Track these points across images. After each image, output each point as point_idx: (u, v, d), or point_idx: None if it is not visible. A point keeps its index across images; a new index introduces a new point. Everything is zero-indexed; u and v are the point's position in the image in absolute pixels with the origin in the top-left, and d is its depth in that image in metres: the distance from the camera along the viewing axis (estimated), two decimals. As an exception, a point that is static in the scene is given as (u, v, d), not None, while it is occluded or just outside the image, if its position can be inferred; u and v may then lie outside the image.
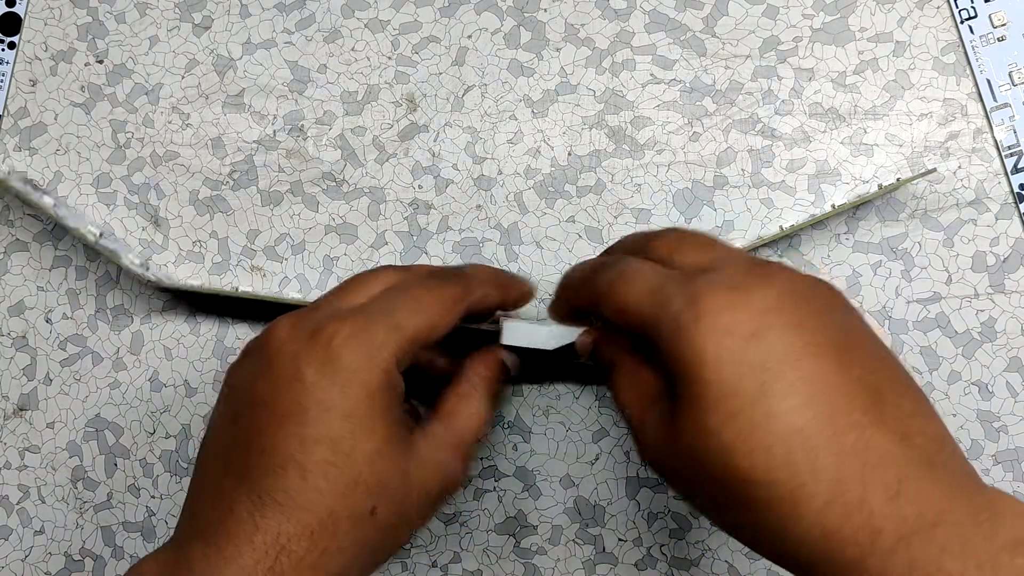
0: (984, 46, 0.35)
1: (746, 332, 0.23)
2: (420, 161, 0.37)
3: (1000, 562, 0.20)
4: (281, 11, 0.38)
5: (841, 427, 0.22)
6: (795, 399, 0.22)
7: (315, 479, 0.25)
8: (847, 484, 0.22)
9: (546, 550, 0.35)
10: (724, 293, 0.23)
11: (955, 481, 0.22)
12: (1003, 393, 0.34)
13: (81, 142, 0.38)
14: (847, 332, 0.24)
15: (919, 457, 0.22)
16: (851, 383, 0.23)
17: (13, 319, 0.37)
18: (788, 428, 0.22)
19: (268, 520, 0.25)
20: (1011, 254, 0.35)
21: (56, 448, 0.36)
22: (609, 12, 0.37)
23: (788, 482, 0.22)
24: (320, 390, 0.25)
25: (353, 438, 0.26)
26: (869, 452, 0.22)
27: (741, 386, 0.23)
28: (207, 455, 0.28)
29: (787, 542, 0.23)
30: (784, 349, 0.23)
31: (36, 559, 0.36)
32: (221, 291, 0.35)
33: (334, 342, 0.26)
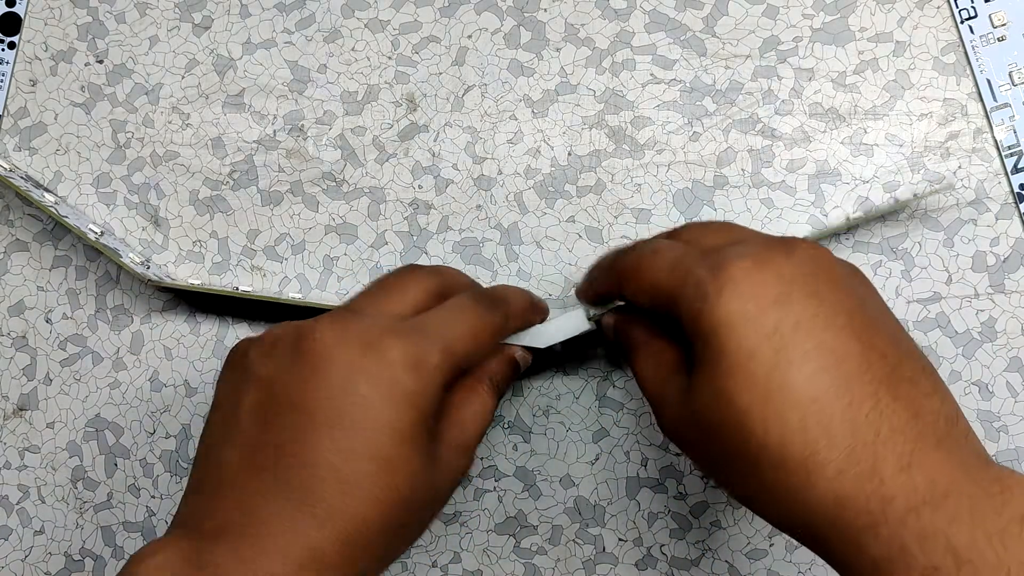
0: (984, 46, 0.35)
1: (767, 299, 0.23)
2: (420, 161, 0.37)
3: (1009, 533, 0.20)
4: (281, 11, 0.38)
5: (856, 397, 0.22)
6: (811, 367, 0.22)
7: (354, 489, 0.25)
8: (860, 453, 0.22)
9: (546, 550, 0.35)
10: (747, 262, 0.24)
11: (966, 458, 0.22)
12: (1003, 393, 0.34)
13: (81, 142, 0.38)
14: (867, 307, 0.24)
15: (931, 433, 0.22)
16: (868, 354, 0.23)
17: (13, 319, 0.37)
18: (804, 396, 0.22)
19: (303, 528, 0.24)
20: (1011, 254, 0.35)
21: (56, 448, 0.36)
22: (609, 12, 0.37)
23: (802, 449, 0.22)
24: (373, 405, 0.25)
25: (400, 458, 0.25)
26: (882, 423, 0.22)
27: (759, 352, 0.23)
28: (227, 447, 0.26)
29: (799, 510, 0.23)
30: (804, 317, 0.23)
31: (36, 559, 0.36)
32: (221, 291, 0.35)
33: (390, 357, 0.25)
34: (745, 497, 0.25)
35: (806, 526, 0.23)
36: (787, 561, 0.34)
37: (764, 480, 0.23)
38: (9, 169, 0.36)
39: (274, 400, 0.26)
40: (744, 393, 0.23)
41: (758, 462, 0.23)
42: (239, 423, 0.26)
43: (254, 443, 0.26)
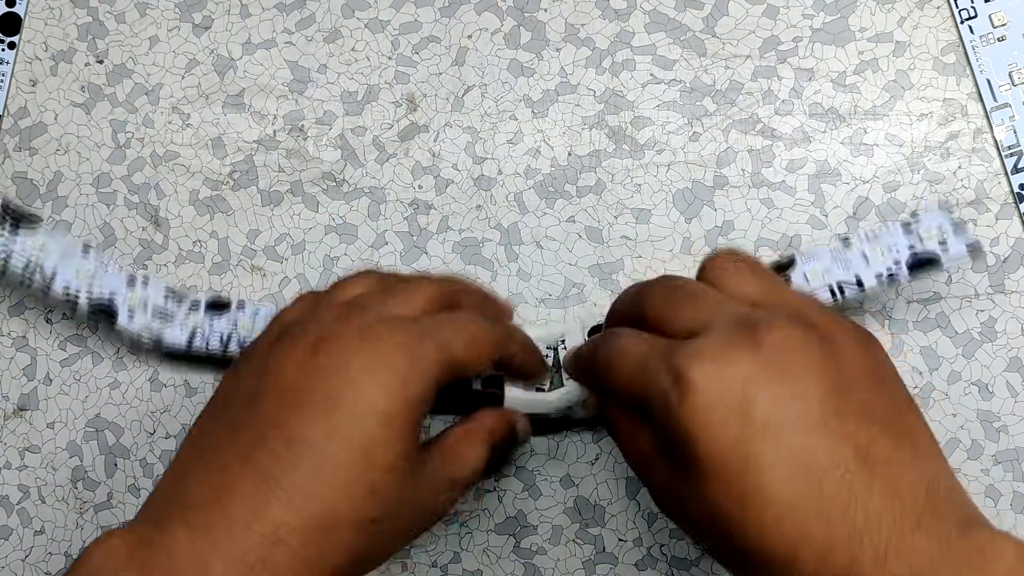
0: (984, 46, 0.35)
1: (729, 408, 0.23)
2: (420, 161, 0.37)
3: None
4: (281, 11, 0.38)
5: (829, 494, 0.22)
6: (783, 471, 0.22)
7: (332, 475, 0.24)
8: (836, 550, 0.22)
9: (546, 550, 0.35)
10: (705, 366, 0.23)
11: (945, 533, 0.22)
12: (1003, 393, 0.34)
13: (81, 142, 0.38)
14: (836, 393, 0.23)
15: (910, 511, 0.22)
16: (839, 448, 0.23)
17: (13, 319, 0.37)
18: (777, 500, 0.22)
19: (271, 508, 0.24)
20: (1011, 254, 0.35)
21: (56, 448, 0.36)
22: (609, 12, 0.37)
23: (783, 550, 0.22)
24: (363, 388, 0.25)
25: (383, 445, 0.25)
26: (857, 514, 0.22)
27: (729, 460, 0.23)
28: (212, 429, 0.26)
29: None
30: (771, 419, 0.23)
31: (36, 559, 0.36)
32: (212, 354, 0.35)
33: (386, 344, 0.25)
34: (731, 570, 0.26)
35: None
36: (787, 561, 0.34)
37: (745, 568, 0.24)
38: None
39: (269, 384, 0.26)
40: (721, 499, 0.23)
41: (745, 557, 0.23)
42: (229, 406, 0.26)
43: (239, 422, 0.25)
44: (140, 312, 0.35)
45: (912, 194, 0.35)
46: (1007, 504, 0.34)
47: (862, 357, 0.25)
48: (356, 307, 0.27)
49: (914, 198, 0.35)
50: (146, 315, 0.35)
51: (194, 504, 0.24)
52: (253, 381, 0.26)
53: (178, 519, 0.24)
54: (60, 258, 0.34)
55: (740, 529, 0.23)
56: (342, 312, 0.27)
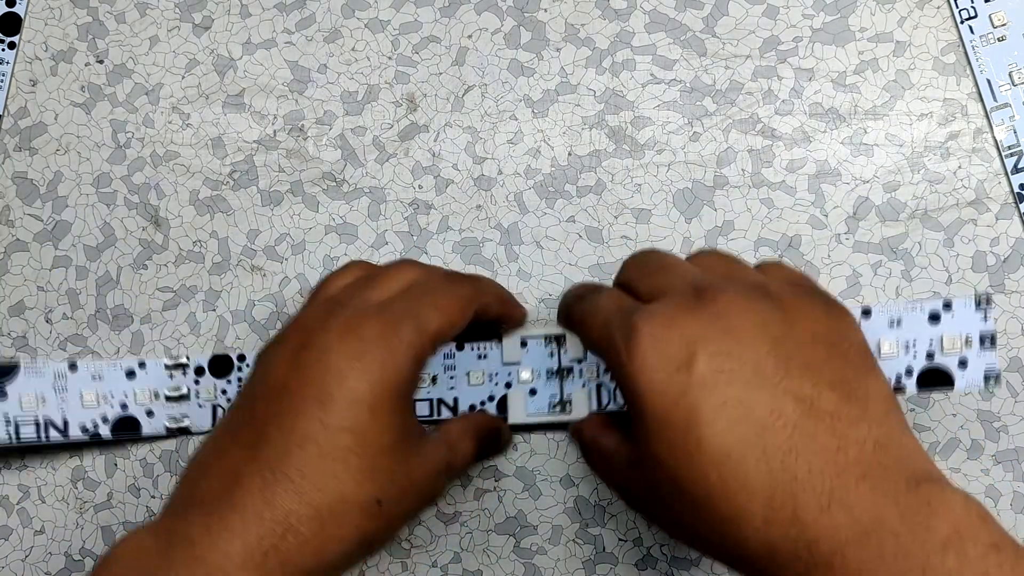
0: (984, 46, 0.35)
1: (673, 364, 0.24)
2: (420, 161, 0.37)
3: (932, 566, 0.21)
4: (281, 11, 0.38)
5: (770, 445, 0.23)
6: (721, 424, 0.23)
7: (333, 463, 0.26)
8: (779, 501, 0.22)
9: (546, 550, 0.35)
10: (655, 327, 0.24)
11: (892, 486, 0.22)
12: (1003, 393, 0.34)
13: (81, 142, 0.38)
14: (780, 349, 0.24)
15: (853, 466, 0.22)
16: (780, 400, 0.23)
17: (13, 319, 0.37)
18: (718, 454, 0.23)
19: (279, 498, 0.25)
20: (1011, 254, 0.35)
21: (56, 448, 0.36)
22: (609, 12, 0.37)
23: (727, 505, 0.23)
24: (349, 381, 0.26)
25: (377, 430, 0.26)
26: (799, 466, 0.22)
27: (673, 417, 0.23)
28: (217, 433, 0.28)
29: (745, 559, 0.23)
30: (710, 376, 0.23)
31: (36, 559, 0.36)
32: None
33: (363, 336, 0.27)
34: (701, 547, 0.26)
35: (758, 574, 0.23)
36: (787, 561, 0.34)
37: (707, 534, 0.24)
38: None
39: (263, 386, 0.27)
40: (668, 457, 0.24)
41: (697, 522, 0.24)
42: (233, 412, 0.28)
43: (242, 423, 0.27)
44: (155, 405, 0.35)
45: (912, 194, 0.35)
46: (1007, 504, 0.34)
47: (819, 323, 0.25)
48: (336, 304, 0.28)
49: (914, 198, 0.35)
50: (162, 406, 0.35)
51: (208, 498, 0.26)
52: (249, 386, 0.28)
53: (196, 512, 0.25)
54: (56, 394, 0.35)
55: (689, 487, 0.23)
56: (324, 311, 0.28)
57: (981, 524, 0.21)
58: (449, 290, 0.30)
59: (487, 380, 0.33)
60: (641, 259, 0.29)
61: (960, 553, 0.21)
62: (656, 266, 0.28)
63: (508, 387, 0.33)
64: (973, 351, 0.31)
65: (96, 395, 0.35)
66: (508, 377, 0.33)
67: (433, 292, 0.29)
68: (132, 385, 0.35)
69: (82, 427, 0.35)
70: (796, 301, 0.25)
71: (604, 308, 0.27)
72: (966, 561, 0.21)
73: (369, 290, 0.29)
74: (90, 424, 0.35)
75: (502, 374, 0.33)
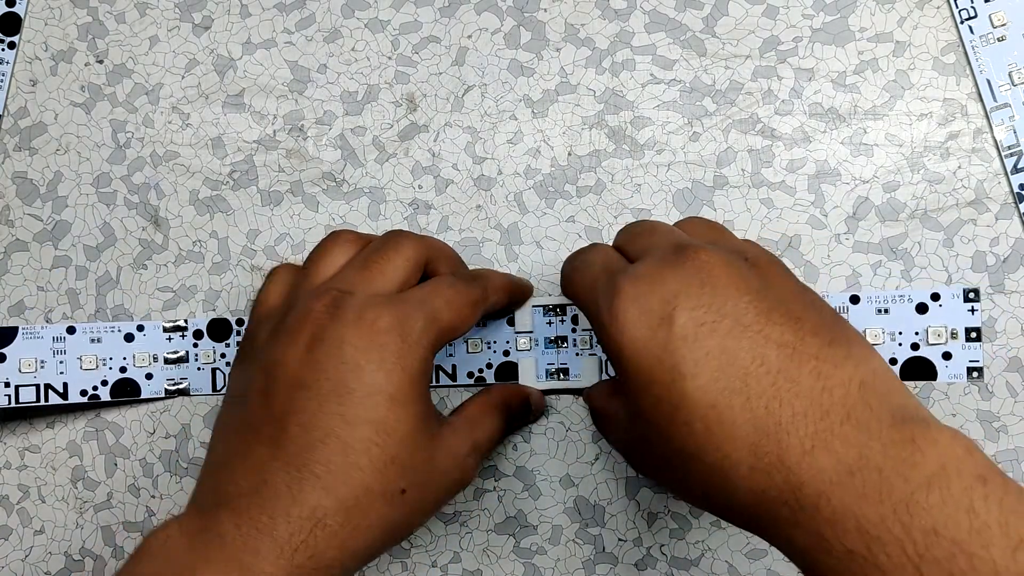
0: (984, 46, 0.35)
1: (655, 320, 0.24)
2: (420, 161, 0.37)
3: (915, 502, 0.20)
4: (281, 11, 0.38)
5: (753, 392, 0.23)
6: (704, 376, 0.23)
7: (356, 456, 0.26)
8: (764, 446, 0.22)
9: (546, 550, 0.35)
10: (637, 285, 0.25)
11: (876, 425, 0.22)
12: (1003, 393, 0.34)
13: (81, 142, 0.38)
14: (761, 298, 0.24)
15: (838, 407, 0.22)
16: (762, 347, 0.23)
17: (13, 319, 0.37)
18: (702, 404, 0.23)
19: (306, 494, 0.25)
20: (1011, 254, 0.35)
21: (56, 448, 0.36)
22: (609, 12, 0.37)
23: (715, 454, 0.23)
24: (366, 373, 0.26)
25: (396, 420, 0.27)
26: (783, 411, 0.22)
27: (656, 372, 0.24)
28: (233, 426, 0.28)
29: (734, 508, 0.23)
30: (690, 330, 0.24)
31: (36, 559, 0.36)
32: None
33: (377, 326, 0.27)
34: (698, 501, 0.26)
35: (749, 522, 0.24)
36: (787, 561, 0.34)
37: (698, 487, 0.24)
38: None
39: (278, 381, 0.27)
40: (655, 412, 0.24)
41: (688, 473, 0.24)
42: (247, 404, 0.28)
43: (261, 419, 0.27)
44: (154, 368, 0.35)
45: (912, 194, 0.35)
46: (1007, 504, 0.34)
47: (793, 283, 0.26)
48: (343, 293, 0.28)
49: (914, 198, 0.35)
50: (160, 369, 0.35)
51: (234, 496, 0.26)
52: (262, 379, 0.28)
53: (225, 511, 0.26)
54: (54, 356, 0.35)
55: (677, 440, 0.23)
56: (332, 301, 0.28)
57: (967, 457, 0.21)
58: (461, 291, 0.30)
59: (485, 348, 0.34)
60: (631, 225, 0.30)
61: (944, 487, 0.20)
62: (643, 230, 0.29)
63: (506, 355, 0.34)
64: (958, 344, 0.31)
65: (95, 358, 0.35)
66: (507, 345, 0.34)
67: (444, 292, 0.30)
68: (131, 348, 0.35)
69: (81, 391, 0.35)
70: (772, 268, 0.26)
71: (592, 268, 0.28)
72: (950, 495, 0.20)
73: (373, 274, 0.29)
74: (89, 387, 0.35)
75: (500, 342, 0.35)
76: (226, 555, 0.25)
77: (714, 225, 0.29)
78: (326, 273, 0.30)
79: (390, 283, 0.29)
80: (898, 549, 0.20)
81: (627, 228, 0.30)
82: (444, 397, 0.36)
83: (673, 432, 0.23)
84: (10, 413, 0.36)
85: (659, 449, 0.25)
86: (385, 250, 0.30)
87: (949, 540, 0.20)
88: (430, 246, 0.31)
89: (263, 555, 0.25)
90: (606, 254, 0.29)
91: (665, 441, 0.24)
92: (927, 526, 0.20)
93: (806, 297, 0.25)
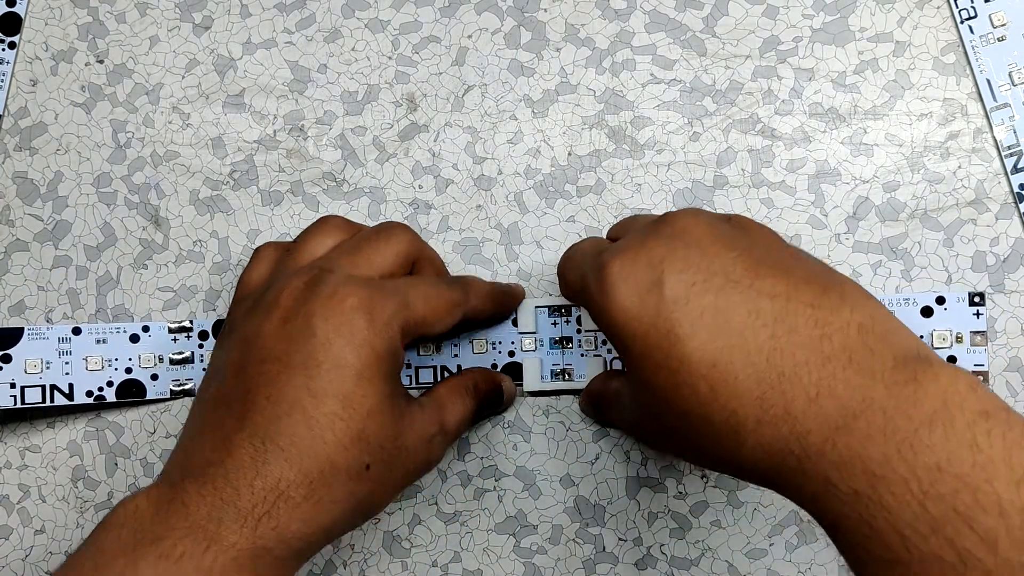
0: (984, 46, 0.35)
1: (643, 287, 0.24)
2: (420, 161, 0.37)
3: (919, 439, 0.20)
4: (281, 11, 0.38)
5: (753, 346, 0.23)
6: (702, 335, 0.23)
7: (321, 430, 0.26)
8: (769, 399, 0.22)
9: (546, 550, 0.35)
10: (621, 259, 0.25)
11: (879, 366, 0.22)
12: (1003, 393, 0.34)
13: (81, 142, 0.38)
14: (750, 253, 0.24)
15: (839, 353, 0.22)
16: (756, 300, 0.23)
17: (13, 319, 0.37)
18: (703, 365, 0.23)
19: (270, 466, 0.26)
20: (1011, 254, 0.35)
21: (56, 448, 0.36)
22: (609, 12, 0.37)
23: (721, 413, 0.23)
24: (334, 347, 0.27)
25: (362, 395, 0.27)
26: (784, 362, 0.22)
27: (652, 338, 0.24)
28: (207, 399, 0.28)
29: (745, 465, 0.23)
30: (681, 291, 0.24)
31: (36, 558, 0.36)
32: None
33: (347, 305, 0.27)
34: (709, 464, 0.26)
35: (760, 477, 0.23)
36: (787, 561, 0.34)
37: (708, 449, 0.24)
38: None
39: (251, 354, 0.27)
40: (657, 380, 0.24)
41: (696, 436, 0.24)
42: (223, 379, 0.28)
43: (231, 392, 0.27)
44: (159, 368, 0.36)
45: (912, 194, 0.35)
46: (1007, 504, 0.34)
47: (778, 240, 0.26)
48: (323, 271, 0.29)
49: (914, 198, 0.35)
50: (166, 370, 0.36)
51: (201, 466, 0.26)
52: (236, 352, 0.28)
53: (190, 480, 0.26)
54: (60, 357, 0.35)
55: (683, 405, 0.23)
56: (311, 279, 0.28)
57: (970, 393, 0.21)
58: (439, 288, 0.30)
59: (490, 348, 0.35)
60: (623, 220, 0.31)
61: (947, 424, 0.20)
62: (627, 218, 0.30)
63: (511, 355, 0.35)
64: (963, 348, 0.31)
65: (101, 359, 0.35)
66: (512, 345, 0.35)
67: (422, 286, 0.30)
68: (136, 349, 0.35)
69: (87, 391, 0.35)
70: (755, 227, 0.26)
71: (578, 255, 0.28)
72: (953, 431, 0.20)
73: (357, 258, 0.30)
74: (95, 388, 0.35)
75: (505, 342, 0.35)
76: (190, 523, 0.25)
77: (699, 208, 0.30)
78: (313, 254, 0.31)
79: (374, 269, 0.30)
80: (903, 487, 0.20)
81: (616, 223, 0.31)
82: (444, 397, 0.36)
83: (677, 396, 0.23)
84: (11, 413, 0.36)
85: (666, 418, 0.24)
86: (376, 239, 0.30)
87: (953, 475, 0.20)
88: (421, 246, 0.32)
89: (226, 524, 0.25)
90: (593, 241, 0.29)
91: (670, 407, 0.24)
92: (931, 463, 0.20)
93: (793, 251, 0.25)
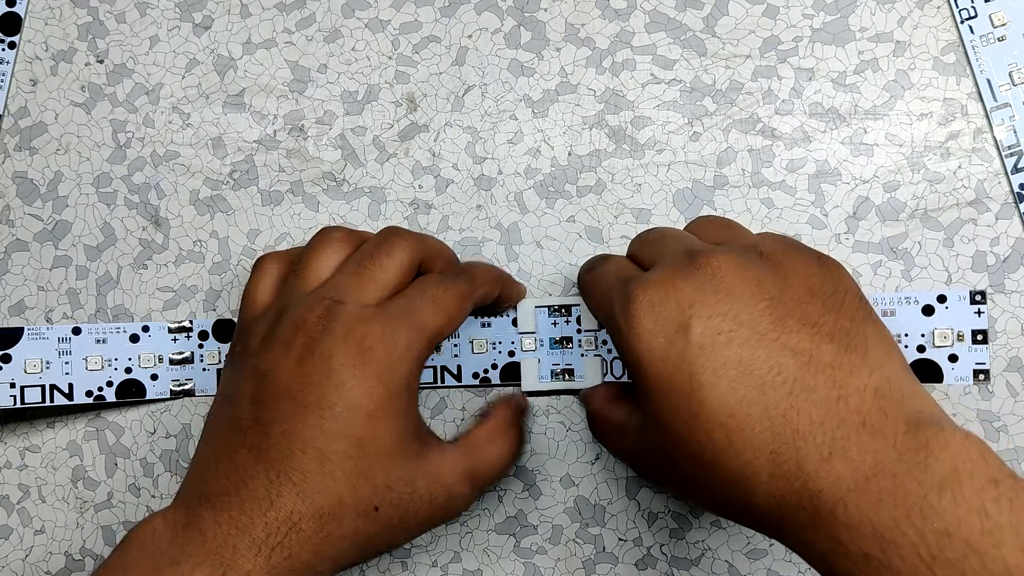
0: (984, 46, 0.35)
1: (671, 329, 0.24)
2: (420, 161, 0.37)
3: (929, 504, 0.21)
4: (281, 11, 0.38)
5: (771, 401, 0.23)
6: (723, 385, 0.23)
7: (332, 467, 0.27)
8: (782, 454, 0.22)
9: (546, 550, 0.35)
10: (651, 292, 0.25)
11: (890, 431, 0.22)
12: (1003, 393, 0.34)
13: (81, 142, 0.38)
14: (776, 307, 0.24)
15: (853, 415, 0.22)
16: (778, 356, 0.23)
17: (13, 319, 0.37)
18: (722, 413, 0.23)
19: (283, 499, 0.26)
20: (1011, 254, 0.35)
21: (56, 448, 0.36)
22: (609, 12, 0.37)
23: (735, 462, 0.23)
24: (348, 389, 0.27)
25: (372, 436, 0.27)
26: (800, 420, 0.23)
27: (675, 381, 0.24)
28: (223, 426, 0.29)
29: (754, 515, 0.24)
30: (708, 338, 0.24)
31: (36, 558, 0.36)
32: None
33: (365, 344, 0.28)
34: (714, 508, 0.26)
35: (768, 528, 0.24)
36: (787, 561, 0.34)
37: (719, 495, 0.24)
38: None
39: (267, 389, 0.28)
40: (673, 421, 0.24)
41: (708, 480, 0.24)
42: (237, 409, 0.28)
43: (248, 424, 0.28)
44: (159, 368, 0.36)
45: (912, 194, 0.35)
46: (1007, 504, 0.34)
47: (813, 276, 0.25)
48: (335, 303, 0.29)
49: (914, 198, 0.35)
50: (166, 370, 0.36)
51: (217, 494, 0.27)
52: (251, 385, 0.28)
53: (207, 507, 0.26)
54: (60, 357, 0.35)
55: (696, 449, 0.24)
56: (324, 314, 0.28)
57: (980, 460, 0.21)
58: (447, 287, 0.30)
59: (490, 348, 0.34)
60: (642, 233, 0.30)
61: (957, 490, 0.21)
62: (654, 237, 0.29)
63: (511, 355, 0.35)
64: (964, 347, 0.31)
65: (101, 359, 0.35)
66: (512, 345, 0.34)
67: (430, 292, 0.30)
68: (136, 349, 0.36)
69: (87, 391, 0.35)
70: (789, 258, 0.26)
71: (606, 277, 0.28)
72: (962, 498, 0.21)
73: (365, 281, 0.30)
74: (95, 388, 0.35)
75: (505, 342, 0.35)
76: (207, 550, 0.25)
77: (725, 222, 0.29)
78: (320, 274, 0.30)
79: (383, 289, 0.30)
80: (912, 552, 0.20)
81: (639, 237, 0.30)
82: (444, 397, 0.36)
83: (692, 440, 0.24)
84: (10, 413, 0.36)
85: (675, 457, 0.25)
86: (378, 255, 0.30)
87: (961, 541, 0.20)
88: (424, 247, 0.32)
89: (241, 552, 0.25)
90: (619, 263, 0.29)
91: (683, 450, 0.24)
92: (940, 528, 0.20)
93: (825, 289, 0.25)
